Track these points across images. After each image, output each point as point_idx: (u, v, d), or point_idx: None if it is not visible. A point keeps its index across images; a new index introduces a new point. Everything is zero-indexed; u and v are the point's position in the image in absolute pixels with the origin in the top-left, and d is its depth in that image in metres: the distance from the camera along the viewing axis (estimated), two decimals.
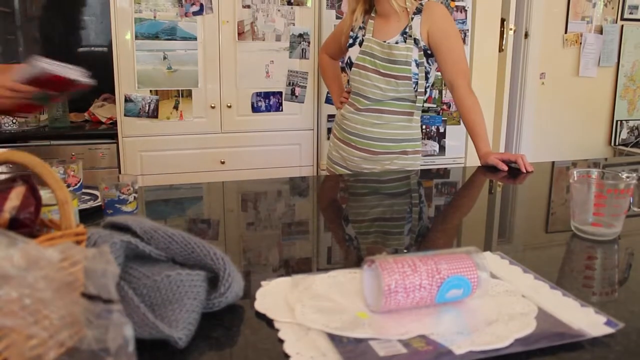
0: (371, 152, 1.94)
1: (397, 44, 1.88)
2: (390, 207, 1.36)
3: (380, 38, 1.92)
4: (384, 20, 1.94)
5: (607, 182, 1.08)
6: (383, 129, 1.92)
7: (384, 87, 1.89)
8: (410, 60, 1.86)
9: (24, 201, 0.69)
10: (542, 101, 4.33)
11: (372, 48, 1.90)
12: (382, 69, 1.88)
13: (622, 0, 4.43)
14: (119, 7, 2.64)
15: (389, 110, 1.92)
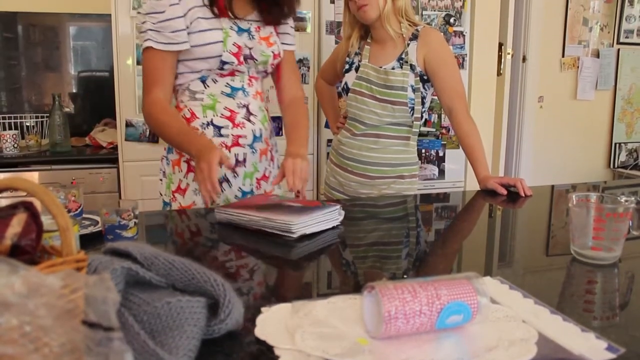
0: (368, 176, 1.94)
1: (394, 70, 1.89)
2: (389, 232, 1.36)
3: (376, 64, 1.93)
4: (379, 46, 1.95)
5: (606, 206, 1.09)
6: (380, 153, 1.93)
7: (380, 112, 1.90)
8: (407, 86, 1.87)
9: (25, 228, 0.69)
10: (540, 124, 4.35)
11: (368, 74, 1.92)
12: (379, 95, 1.89)
13: (617, 24, 4.48)
14: (120, 33, 2.67)
15: (385, 135, 1.93)
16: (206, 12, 1.46)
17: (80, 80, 3.29)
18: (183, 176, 1.55)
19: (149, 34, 1.45)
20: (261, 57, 1.55)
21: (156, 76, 1.48)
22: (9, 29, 3.14)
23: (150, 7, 1.45)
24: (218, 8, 1.46)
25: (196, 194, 1.54)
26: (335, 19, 2.89)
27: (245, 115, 1.55)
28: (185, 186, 1.54)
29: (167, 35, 1.43)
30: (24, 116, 3.09)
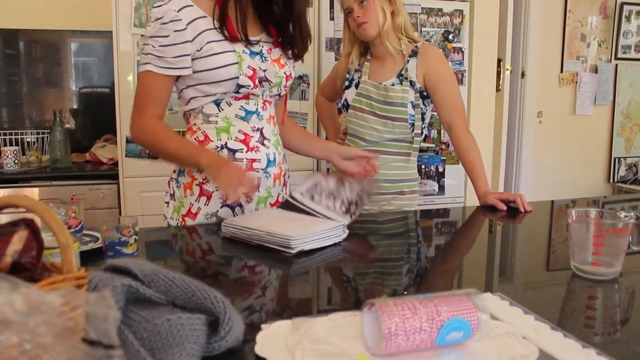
0: None
1: (393, 86, 1.90)
2: (390, 248, 1.36)
3: (376, 80, 1.94)
4: (379, 63, 1.97)
5: (605, 222, 1.09)
6: (380, 169, 1.93)
7: (381, 128, 1.91)
8: (407, 102, 1.88)
9: (26, 245, 0.69)
10: (540, 140, 4.36)
11: (368, 90, 1.93)
12: (379, 111, 1.91)
13: (615, 40, 4.51)
14: (121, 50, 2.68)
15: (385, 151, 1.94)
16: (217, 35, 1.44)
17: (81, 96, 3.31)
18: (195, 200, 1.51)
19: (149, 57, 1.43)
20: (275, 78, 1.53)
21: (151, 96, 1.46)
22: (11, 46, 3.16)
23: (154, 30, 1.42)
24: (229, 31, 1.44)
25: (207, 219, 1.51)
26: (335, 35, 2.91)
27: (260, 139, 1.52)
28: (196, 210, 1.51)
29: (168, 60, 1.41)
30: (25, 132, 3.10)
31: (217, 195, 1.50)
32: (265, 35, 1.56)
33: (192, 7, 1.43)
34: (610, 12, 4.47)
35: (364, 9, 1.87)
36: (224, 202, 1.51)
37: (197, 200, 1.51)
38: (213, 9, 1.45)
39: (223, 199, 1.50)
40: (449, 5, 3.12)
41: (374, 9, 1.87)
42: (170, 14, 1.40)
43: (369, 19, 1.87)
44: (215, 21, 1.44)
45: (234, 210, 1.52)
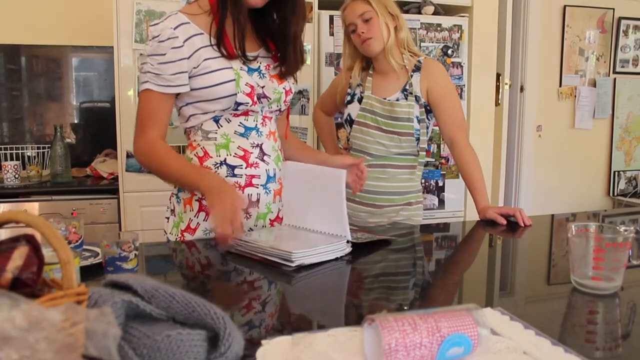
0: (377, 206, 1.95)
1: (398, 101, 1.91)
2: (390, 263, 1.36)
3: (380, 95, 1.95)
4: (382, 78, 1.97)
5: (605, 236, 1.09)
6: (387, 182, 1.94)
7: (387, 143, 1.92)
8: (412, 117, 1.89)
9: (26, 261, 0.69)
10: (539, 153, 4.37)
11: (373, 105, 1.93)
12: (385, 126, 1.91)
13: (613, 54, 4.54)
14: (122, 65, 2.70)
15: (392, 164, 1.95)
16: (213, 53, 1.44)
17: (82, 110, 3.32)
18: (194, 215, 1.51)
19: (148, 76, 1.43)
20: (274, 94, 1.53)
21: (152, 116, 1.45)
22: (13, 61, 3.18)
23: (152, 49, 1.42)
24: (226, 49, 1.44)
25: (206, 235, 1.51)
26: (334, 50, 2.92)
27: (259, 155, 1.52)
28: (195, 225, 1.51)
29: (166, 77, 1.41)
30: (26, 147, 3.10)
31: None
32: (263, 50, 1.56)
33: (188, 24, 1.43)
34: (608, 27, 4.50)
35: (368, 24, 1.88)
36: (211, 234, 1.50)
37: (196, 216, 1.51)
38: (210, 26, 1.45)
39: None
40: (448, 21, 3.14)
41: (377, 24, 1.88)
42: (167, 32, 1.40)
43: (374, 35, 1.88)
44: (212, 38, 1.44)
45: None
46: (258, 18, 1.52)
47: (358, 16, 1.89)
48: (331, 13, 2.91)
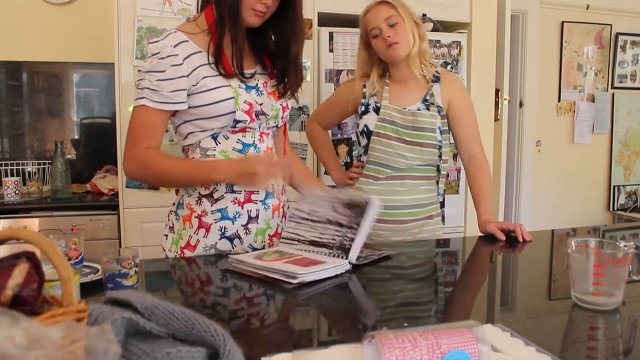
0: (400, 221, 1.89)
1: (420, 111, 1.87)
2: (390, 280, 1.36)
3: (398, 105, 1.89)
4: (400, 87, 1.92)
5: (605, 252, 1.09)
6: (408, 195, 1.89)
7: (409, 155, 1.86)
8: (435, 128, 1.85)
9: (27, 278, 0.69)
10: (539, 168, 4.38)
11: (392, 115, 1.87)
12: (407, 137, 1.85)
13: (611, 69, 4.57)
14: (123, 81, 2.71)
15: (411, 176, 1.90)
16: (212, 71, 1.44)
17: (82, 126, 3.33)
18: (193, 232, 1.51)
19: (145, 92, 1.42)
20: (272, 111, 1.54)
21: (145, 130, 1.44)
22: (14, 77, 3.19)
23: (151, 65, 1.42)
24: (224, 67, 1.44)
25: (206, 252, 1.50)
26: (334, 67, 2.94)
27: None
28: (195, 242, 1.51)
29: (164, 94, 1.41)
30: (26, 162, 3.11)
31: (215, 228, 1.50)
32: (259, 68, 1.57)
33: (187, 43, 1.44)
34: (606, 42, 4.54)
35: (394, 29, 1.83)
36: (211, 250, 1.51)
37: (195, 233, 1.51)
38: (208, 44, 1.45)
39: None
40: (447, 37, 3.17)
41: (404, 30, 1.84)
42: (167, 49, 1.41)
43: (400, 40, 1.83)
44: (210, 57, 1.45)
45: (232, 242, 1.51)
46: (254, 36, 1.53)
47: (384, 20, 1.84)
48: (331, 30, 2.93)
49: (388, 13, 1.84)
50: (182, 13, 2.67)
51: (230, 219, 1.49)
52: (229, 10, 1.41)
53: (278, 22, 1.52)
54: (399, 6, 1.85)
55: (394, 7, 1.85)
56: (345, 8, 3.01)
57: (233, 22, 1.42)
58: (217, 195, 1.49)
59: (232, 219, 1.50)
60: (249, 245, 1.52)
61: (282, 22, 1.51)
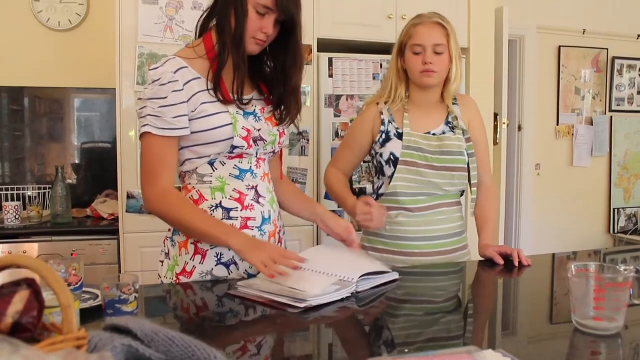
0: (444, 252, 1.83)
1: (445, 134, 1.82)
2: (391, 304, 1.35)
3: (420, 130, 1.82)
4: (421, 111, 1.85)
5: (605, 276, 1.09)
6: (448, 223, 1.84)
7: (439, 181, 1.80)
8: (463, 151, 1.81)
9: (27, 305, 0.69)
10: (539, 192, 4.39)
11: (418, 142, 1.80)
12: (436, 162, 1.79)
13: (609, 93, 4.61)
14: (124, 107, 2.73)
15: (447, 203, 1.85)
16: (210, 97, 1.45)
17: (83, 151, 3.34)
18: (190, 258, 1.50)
19: (147, 119, 1.42)
20: (270, 137, 1.54)
21: (160, 161, 1.44)
22: (16, 102, 3.21)
23: (152, 92, 1.43)
24: (222, 94, 1.45)
25: (202, 278, 1.49)
26: (333, 92, 2.96)
27: (254, 197, 1.52)
28: (191, 269, 1.50)
29: (167, 120, 1.41)
30: (27, 187, 3.11)
31: (212, 254, 1.49)
32: (256, 94, 1.57)
33: (187, 69, 1.45)
34: (603, 66, 4.58)
35: (439, 57, 1.76)
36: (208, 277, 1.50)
37: (192, 259, 1.50)
38: (207, 71, 1.46)
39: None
40: None
41: (446, 61, 1.78)
42: (167, 76, 1.42)
43: (440, 70, 1.77)
44: (209, 83, 1.46)
45: (228, 268, 1.50)
46: (251, 62, 1.53)
47: (432, 44, 1.75)
48: (330, 55, 2.96)
49: (439, 40, 1.76)
50: (183, 39, 2.70)
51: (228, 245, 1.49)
52: (232, 37, 1.42)
53: (278, 50, 1.53)
54: (451, 36, 1.78)
55: (447, 35, 1.78)
56: (345, 34, 3.05)
57: (236, 49, 1.43)
58: None
59: None
60: (245, 272, 1.51)
61: (282, 51, 1.52)
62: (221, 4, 1.45)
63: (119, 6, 2.68)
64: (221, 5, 1.45)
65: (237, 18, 1.41)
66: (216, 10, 1.48)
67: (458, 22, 3.25)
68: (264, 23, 1.42)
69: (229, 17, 1.42)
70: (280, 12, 1.42)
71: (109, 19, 2.82)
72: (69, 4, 3.29)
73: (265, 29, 1.43)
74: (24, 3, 3.23)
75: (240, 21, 1.41)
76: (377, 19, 3.08)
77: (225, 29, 1.43)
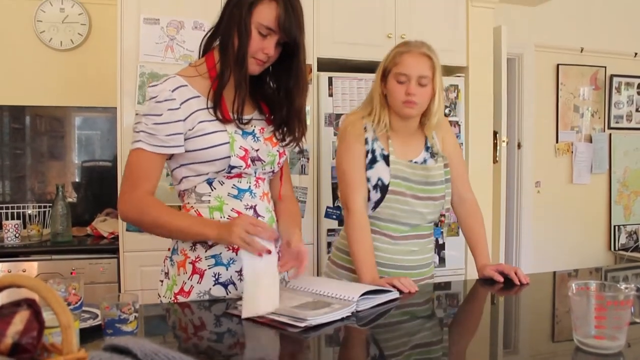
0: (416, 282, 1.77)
1: (427, 163, 1.81)
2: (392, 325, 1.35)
3: (404, 157, 1.80)
4: (401, 138, 1.82)
5: (606, 295, 1.09)
6: (418, 255, 1.83)
7: (424, 210, 1.79)
8: (443, 179, 1.81)
9: (27, 326, 0.69)
10: (539, 209, 4.39)
11: (403, 171, 1.78)
12: (420, 192, 1.77)
13: (607, 110, 4.63)
14: (125, 125, 2.74)
15: (423, 234, 1.84)
16: (209, 115, 1.45)
17: (84, 169, 3.35)
18: (187, 278, 1.50)
19: (141, 135, 1.43)
20: (268, 157, 1.54)
21: (142, 173, 1.44)
22: (17, 121, 3.22)
23: (148, 108, 1.43)
24: (222, 113, 1.45)
25: (200, 297, 1.49)
26: (333, 111, 2.98)
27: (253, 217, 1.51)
28: (189, 289, 1.49)
29: (160, 138, 1.41)
30: (27, 205, 3.11)
31: (209, 274, 1.49)
32: (257, 113, 1.58)
33: (186, 87, 1.45)
34: (601, 84, 4.61)
35: (421, 89, 1.72)
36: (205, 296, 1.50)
37: (189, 279, 1.49)
38: (207, 89, 1.47)
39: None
40: (445, 81, 3.18)
41: (429, 94, 1.75)
42: (164, 94, 1.42)
43: (421, 102, 1.74)
44: (209, 101, 1.46)
45: (226, 288, 1.50)
46: (253, 81, 1.53)
47: (417, 76, 1.71)
48: (330, 74, 2.98)
49: (425, 72, 1.72)
50: (183, 59, 2.73)
51: (225, 265, 1.49)
52: (234, 56, 1.43)
53: (281, 72, 1.54)
54: (437, 70, 1.75)
55: (433, 67, 1.74)
56: (344, 53, 3.08)
57: (239, 69, 1.44)
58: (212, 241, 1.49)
59: (226, 265, 1.49)
60: (242, 291, 1.51)
61: (285, 72, 1.53)
62: (225, 24, 1.46)
63: (120, 26, 2.71)
64: (225, 25, 1.46)
65: (239, 38, 1.43)
66: (220, 30, 1.49)
67: (457, 41, 3.30)
68: (265, 44, 1.44)
69: (232, 36, 1.44)
70: (282, 33, 1.43)
71: (111, 39, 2.85)
72: (71, 24, 3.32)
73: (267, 49, 1.44)
74: (26, 23, 3.26)
75: (243, 41, 1.42)
76: (377, 39, 3.11)
77: (228, 48, 1.44)
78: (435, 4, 3.25)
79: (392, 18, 3.15)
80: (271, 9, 1.42)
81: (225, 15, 1.47)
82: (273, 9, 1.42)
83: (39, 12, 3.25)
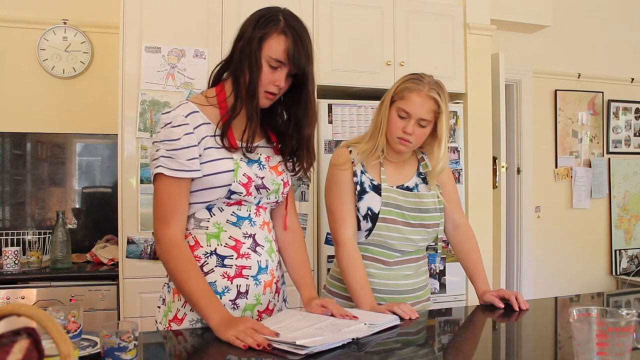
0: None
1: (420, 190, 1.81)
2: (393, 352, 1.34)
3: (394, 183, 1.80)
4: (396, 167, 1.84)
5: (608, 321, 1.08)
6: (412, 279, 1.83)
7: (415, 237, 1.78)
8: (438, 207, 1.81)
9: (26, 355, 0.69)
10: (539, 234, 4.39)
11: (396, 198, 1.77)
12: (412, 220, 1.77)
13: (605, 135, 4.65)
14: (126, 152, 2.76)
15: (416, 258, 1.84)
16: (216, 143, 1.46)
17: (84, 195, 3.35)
18: (181, 305, 1.49)
19: (161, 160, 1.43)
20: (273, 185, 1.54)
21: (171, 207, 1.44)
22: (18, 147, 3.24)
23: (165, 135, 1.44)
24: (229, 142, 1.47)
25: (192, 325, 1.48)
26: (333, 138, 3.00)
27: (252, 246, 1.51)
28: (182, 316, 1.48)
29: (181, 162, 1.42)
30: (26, 232, 3.11)
31: None
32: (264, 142, 1.59)
33: (197, 113, 1.47)
34: (599, 109, 4.65)
35: (420, 130, 1.72)
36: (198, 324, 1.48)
37: (183, 306, 1.49)
38: (218, 118, 1.49)
39: None
40: None
41: (426, 134, 1.75)
42: (179, 119, 1.44)
43: (415, 142, 1.74)
44: (217, 129, 1.48)
45: None
46: (264, 111, 1.54)
47: (419, 117, 1.70)
48: (329, 102, 3.01)
49: (428, 115, 1.71)
50: (184, 86, 2.75)
51: (219, 293, 1.47)
52: (246, 89, 1.46)
53: (290, 103, 1.56)
54: (442, 114, 1.72)
55: (438, 111, 1.72)
56: (344, 81, 3.11)
57: (250, 101, 1.46)
58: (207, 268, 1.48)
59: (221, 293, 1.47)
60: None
61: (294, 103, 1.55)
62: (237, 58, 1.49)
63: (122, 54, 2.74)
64: (237, 58, 1.49)
65: (250, 71, 1.45)
66: (232, 63, 1.52)
67: (455, 68, 3.34)
68: (276, 76, 1.46)
69: (244, 70, 1.46)
70: (292, 65, 1.46)
71: (112, 67, 2.88)
72: (73, 52, 3.35)
73: (278, 82, 1.47)
74: (29, 51, 3.30)
75: (254, 74, 1.45)
76: (376, 66, 3.14)
77: (240, 81, 1.47)
78: (433, 31, 3.29)
79: (390, 45, 3.19)
80: (280, 42, 1.45)
81: (237, 50, 1.50)
82: (282, 42, 1.44)
83: (42, 41, 3.29)
